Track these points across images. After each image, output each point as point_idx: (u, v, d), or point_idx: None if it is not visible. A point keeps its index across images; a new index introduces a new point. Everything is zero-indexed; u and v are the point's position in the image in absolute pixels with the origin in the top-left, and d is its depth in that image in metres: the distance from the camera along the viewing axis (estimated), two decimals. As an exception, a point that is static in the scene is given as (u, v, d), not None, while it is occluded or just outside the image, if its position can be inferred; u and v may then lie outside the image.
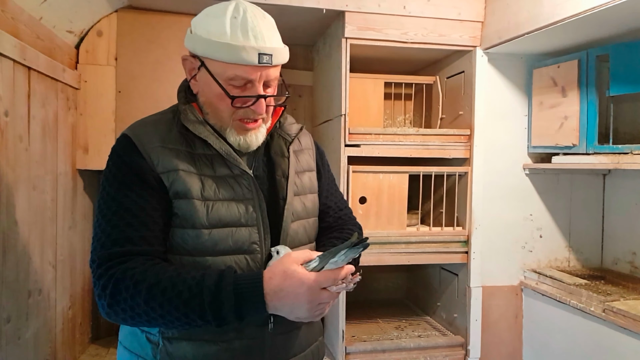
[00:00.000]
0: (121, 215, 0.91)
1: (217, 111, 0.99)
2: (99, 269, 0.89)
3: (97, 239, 0.92)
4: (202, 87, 0.99)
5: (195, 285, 0.84)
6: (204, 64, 0.96)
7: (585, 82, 1.83)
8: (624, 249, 2.11)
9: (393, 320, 2.39)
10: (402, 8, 1.98)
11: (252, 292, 0.85)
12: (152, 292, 0.84)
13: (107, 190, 0.94)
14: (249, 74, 0.94)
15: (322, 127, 2.36)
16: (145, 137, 0.96)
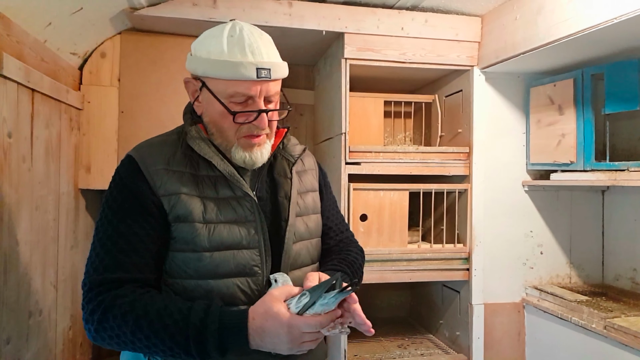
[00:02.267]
0: (115, 241, 0.93)
1: (221, 130, 1.00)
2: (89, 293, 0.91)
3: (91, 263, 0.94)
4: (205, 107, 1.01)
5: (181, 319, 0.86)
6: (205, 84, 0.98)
7: (581, 101, 1.86)
8: (625, 265, 2.11)
9: (396, 339, 2.37)
10: (400, 29, 2.01)
11: (235, 331, 0.85)
12: (139, 323, 0.87)
13: (106, 213, 0.96)
14: (249, 89, 0.96)
15: (323, 145, 2.38)
16: (150, 159, 0.98)
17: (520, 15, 1.80)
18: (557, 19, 1.61)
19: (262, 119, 0.98)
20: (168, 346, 0.86)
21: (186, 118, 1.05)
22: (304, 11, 1.91)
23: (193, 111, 1.06)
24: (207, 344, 0.84)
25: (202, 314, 0.86)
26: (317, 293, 0.84)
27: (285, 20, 1.90)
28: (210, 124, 1.01)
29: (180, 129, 1.06)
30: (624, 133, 2.06)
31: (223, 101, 0.97)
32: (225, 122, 0.99)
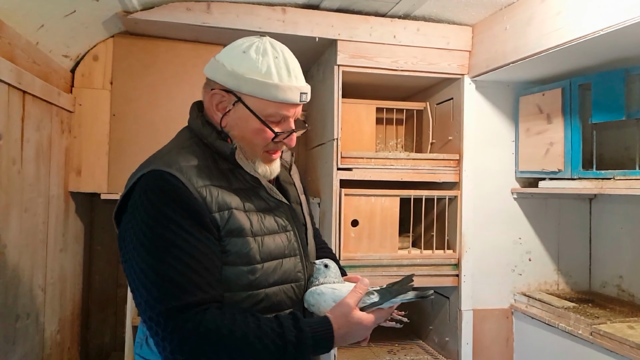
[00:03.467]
0: (186, 262, 0.88)
1: (251, 145, 1.02)
2: (170, 321, 0.85)
3: (158, 288, 0.87)
4: (235, 121, 1.01)
5: (278, 338, 0.89)
6: (242, 100, 0.99)
7: (569, 110, 1.89)
8: (611, 272, 2.14)
9: (386, 344, 2.37)
10: (393, 37, 2.04)
11: (325, 342, 0.93)
12: (239, 348, 0.86)
13: (159, 233, 0.89)
14: (288, 111, 1.01)
15: (316, 151, 2.39)
16: (194, 175, 0.95)
17: (511, 25, 1.83)
18: (547, 30, 1.64)
19: (293, 137, 1.04)
20: (263, 358, 0.88)
21: (207, 130, 1.02)
22: (298, 18, 1.93)
23: (205, 120, 1.05)
24: (303, 357, 0.90)
25: (295, 329, 0.90)
26: (389, 296, 1.00)
27: (279, 27, 1.91)
28: (238, 138, 1.02)
29: (194, 138, 1.04)
30: (611, 143, 2.10)
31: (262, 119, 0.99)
32: (258, 138, 1.01)
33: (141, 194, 0.92)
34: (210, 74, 1.03)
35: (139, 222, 0.90)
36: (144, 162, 1.01)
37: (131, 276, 0.91)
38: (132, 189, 0.95)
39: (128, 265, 0.92)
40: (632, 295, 2.03)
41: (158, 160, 0.96)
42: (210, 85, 1.04)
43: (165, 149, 1.02)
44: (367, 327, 0.97)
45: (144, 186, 0.92)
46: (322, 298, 1.01)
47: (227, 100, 1.01)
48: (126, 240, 0.92)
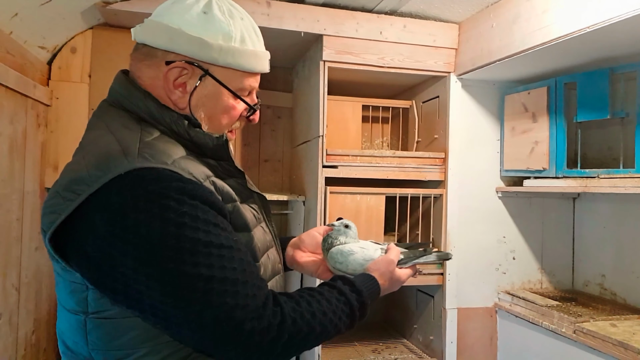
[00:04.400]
0: (239, 259, 0.76)
1: (219, 125, 0.89)
2: (262, 310, 0.74)
3: (233, 295, 0.72)
4: (203, 100, 0.86)
5: (344, 305, 0.87)
6: (211, 73, 0.84)
7: (554, 109, 1.90)
8: (594, 271, 2.16)
9: (370, 344, 2.36)
10: (379, 34, 2.02)
11: (375, 297, 0.96)
12: (323, 324, 0.82)
13: (197, 239, 0.71)
14: (257, 81, 0.91)
15: (301, 148, 2.37)
16: (191, 168, 0.80)
17: (497, 23, 1.83)
18: (533, 28, 1.64)
19: (258, 112, 0.95)
20: (339, 331, 0.86)
21: (168, 114, 0.84)
22: (283, 12, 1.89)
23: (156, 100, 0.85)
24: (364, 316, 0.91)
25: (354, 293, 0.89)
26: (417, 256, 1.08)
27: (263, 20, 1.87)
28: (205, 118, 0.87)
29: (143, 123, 0.83)
30: (594, 142, 2.11)
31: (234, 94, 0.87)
32: (226, 117, 0.88)
33: (138, 202, 0.70)
34: (163, 42, 0.83)
35: (155, 235, 0.70)
36: (79, 166, 0.75)
37: (167, 301, 0.70)
38: (87, 202, 0.71)
39: (143, 290, 0.70)
40: (614, 293, 2.05)
41: (123, 158, 0.73)
42: (161, 57, 0.83)
43: (116, 142, 0.77)
44: (402, 281, 1.04)
45: (139, 193, 0.71)
46: (351, 257, 1.03)
47: (189, 74, 0.84)
48: (125, 264, 0.70)
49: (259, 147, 2.61)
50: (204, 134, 0.85)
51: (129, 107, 0.84)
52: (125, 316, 0.75)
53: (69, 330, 0.81)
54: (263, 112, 2.61)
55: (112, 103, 0.87)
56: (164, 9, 0.86)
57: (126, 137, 0.79)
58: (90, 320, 0.76)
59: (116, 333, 0.76)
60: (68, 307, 0.80)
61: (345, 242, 1.05)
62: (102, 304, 0.76)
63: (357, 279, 0.94)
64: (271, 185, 2.62)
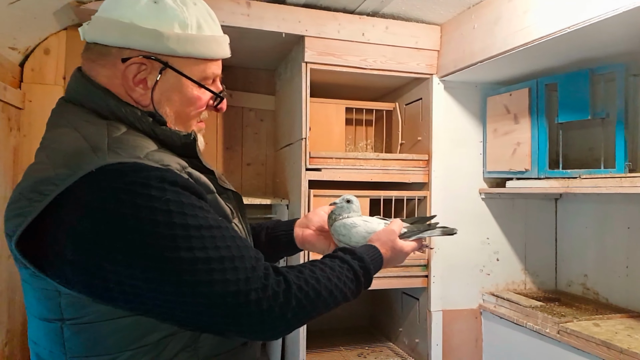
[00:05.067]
0: (232, 236, 0.75)
1: (185, 119, 0.86)
2: (264, 280, 0.73)
3: (233, 269, 0.71)
4: (166, 94, 0.82)
5: (348, 272, 0.88)
6: (171, 65, 0.81)
7: (535, 110, 1.91)
8: (577, 271, 2.17)
9: (356, 348, 2.33)
10: (361, 35, 2.00)
11: (379, 266, 0.97)
12: (329, 290, 0.82)
13: (186, 224, 0.70)
14: (219, 67, 0.88)
15: (284, 152, 2.34)
16: (168, 160, 0.77)
17: (479, 24, 1.83)
18: (514, 29, 1.64)
19: (225, 100, 0.91)
20: (346, 297, 0.86)
21: (132, 112, 0.80)
22: (264, 12, 1.87)
23: (117, 98, 0.81)
24: (369, 284, 0.92)
25: (356, 260, 0.90)
26: (421, 229, 1.09)
27: (243, 21, 1.84)
28: (170, 113, 0.84)
29: (102, 122, 0.78)
30: (575, 144, 2.13)
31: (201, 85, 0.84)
32: (191, 109, 0.85)
33: (119, 196, 0.68)
34: (115, 38, 0.78)
35: (144, 227, 0.68)
36: (44, 166, 0.72)
37: (170, 288, 0.69)
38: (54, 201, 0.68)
39: (140, 284, 0.69)
40: (596, 293, 2.07)
41: (93, 155, 0.70)
42: (116, 55, 0.79)
43: (83, 139, 0.74)
44: (407, 253, 1.05)
45: (117, 186, 0.68)
46: (354, 229, 1.05)
47: (149, 69, 0.80)
48: (116, 261, 0.68)
49: (241, 150, 2.57)
50: (171, 132, 0.82)
51: (89, 105, 0.81)
52: (105, 319, 0.72)
53: (44, 340, 0.77)
54: (245, 115, 2.57)
55: (71, 100, 0.83)
56: (112, 3, 0.81)
57: (93, 134, 0.75)
58: (68, 327, 0.73)
59: (97, 338, 0.73)
60: (41, 316, 0.76)
61: (349, 216, 1.08)
62: (78, 309, 0.72)
63: (358, 248, 0.96)
64: (254, 189, 2.58)
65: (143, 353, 0.74)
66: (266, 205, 2.48)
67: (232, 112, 2.54)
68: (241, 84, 2.53)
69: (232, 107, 2.54)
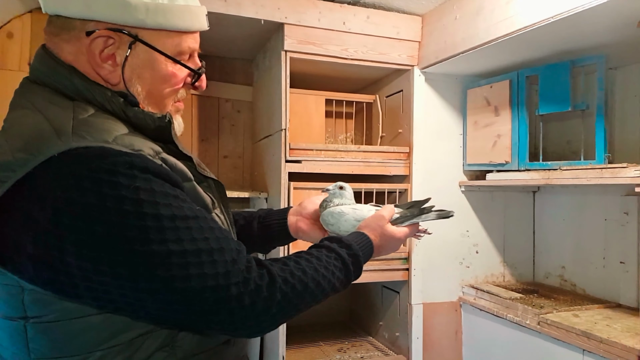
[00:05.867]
0: (211, 227, 0.70)
1: (160, 98, 0.80)
2: (246, 273, 0.69)
3: (211, 263, 0.66)
4: (137, 71, 0.76)
5: (336, 261, 0.84)
6: (141, 38, 0.74)
7: (516, 102, 1.91)
8: (554, 263, 2.20)
9: (336, 343, 2.31)
10: (342, 24, 1.96)
11: (369, 253, 0.93)
12: (317, 280, 0.78)
13: (160, 214, 0.64)
14: (197, 41, 0.82)
15: (262, 144, 2.28)
16: (139, 145, 0.71)
17: (461, 15, 1.81)
18: (496, 19, 1.63)
19: (204, 78, 0.86)
20: (335, 288, 0.83)
21: (101, 91, 0.74)
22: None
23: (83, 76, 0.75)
24: (359, 273, 0.89)
25: (344, 248, 0.87)
26: (414, 214, 1.04)
27: (220, 7, 1.78)
28: (143, 92, 0.78)
29: (68, 103, 0.72)
30: (553, 136, 2.15)
31: (176, 59, 0.78)
32: (168, 86, 0.79)
33: (83, 183, 0.62)
34: (78, 9, 0.71)
35: (111, 218, 0.62)
36: (2, 150, 0.66)
37: (144, 284, 0.64)
38: None
39: (108, 280, 0.63)
40: (573, 284, 2.09)
41: (56, 139, 0.65)
42: (80, 28, 0.73)
43: (46, 121, 0.68)
44: (399, 240, 1.00)
45: (82, 173, 0.62)
46: (343, 218, 1.02)
47: (117, 43, 0.74)
48: (81, 256, 0.62)
49: (217, 142, 2.50)
50: (144, 114, 0.76)
51: (54, 85, 0.74)
52: (72, 317, 0.67)
53: (6, 340, 0.71)
54: (222, 106, 2.50)
55: (35, 81, 0.76)
56: None
57: (57, 115, 0.69)
58: (32, 326, 0.67)
59: (64, 338, 0.67)
60: (3, 314, 0.70)
61: (340, 204, 1.05)
62: (43, 307, 0.67)
63: (345, 236, 0.92)
64: (231, 182, 2.51)
65: (115, 353, 0.69)
66: (244, 199, 2.42)
67: (208, 102, 2.47)
68: (217, 74, 2.46)
69: (207, 98, 2.46)
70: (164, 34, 0.76)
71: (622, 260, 1.81)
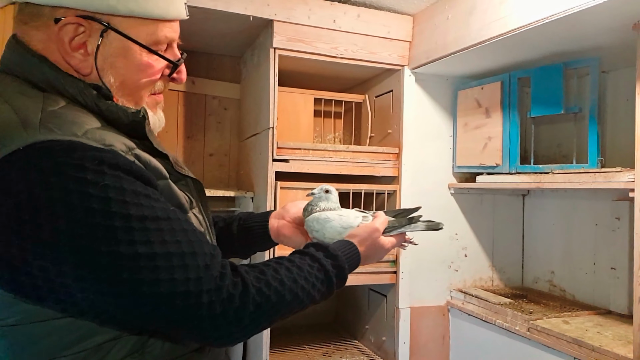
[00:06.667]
0: (184, 229, 0.66)
1: (135, 90, 0.75)
2: (219, 281, 0.65)
3: (183, 268, 0.62)
4: (110, 61, 0.72)
5: (319, 272, 0.81)
6: (113, 26, 0.70)
7: (508, 104, 1.88)
8: (543, 268, 2.18)
9: (321, 347, 2.26)
10: (332, 22, 1.92)
11: (355, 265, 0.90)
12: (294, 292, 0.74)
13: (129, 214, 0.60)
14: (176, 31, 0.77)
15: (249, 142, 2.23)
16: (111, 140, 0.67)
17: (452, 15, 1.78)
18: (489, 19, 1.60)
19: (183, 69, 0.81)
20: (313, 300, 0.80)
21: (73, 82, 0.70)
22: (230, -8, 1.75)
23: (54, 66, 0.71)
24: (342, 284, 0.86)
25: (329, 258, 0.83)
26: (402, 224, 1.01)
27: (208, 2, 1.72)
28: (117, 84, 0.73)
29: (38, 95, 0.69)
30: (544, 139, 2.13)
31: (152, 49, 0.74)
32: (144, 77, 0.75)
33: (48, 178, 0.58)
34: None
35: (76, 216, 0.58)
36: None
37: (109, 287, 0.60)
38: None
39: (70, 283, 0.60)
40: (563, 290, 2.07)
41: (21, 130, 0.61)
42: (49, 15, 0.69)
43: (12, 112, 0.64)
44: (387, 250, 0.98)
45: (47, 167, 0.58)
46: (328, 224, 0.97)
47: (87, 31, 0.70)
48: (42, 256, 0.59)
49: (203, 140, 2.44)
50: (117, 108, 0.72)
51: (24, 75, 0.70)
52: (34, 321, 0.63)
53: None
54: (208, 103, 2.44)
55: (6, 71, 0.72)
56: None
57: (25, 106, 0.66)
58: None
59: (25, 342, 0.64)
60: None
61: (326, 208, 1.00)
62: (3, 309, 0.63)
63: (332, 244, 0.88)
64: (217, 181, 2.46)
65: (81, 359, 0.65)
66: (229, 198, 2.37)
67: (194, 99, 2.41)
68: (204, 71, 2.40)
69: (194, 95, 2.40)
70: (137, 22, 0.72)
71: (613, 266, 1.79)
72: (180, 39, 0.82)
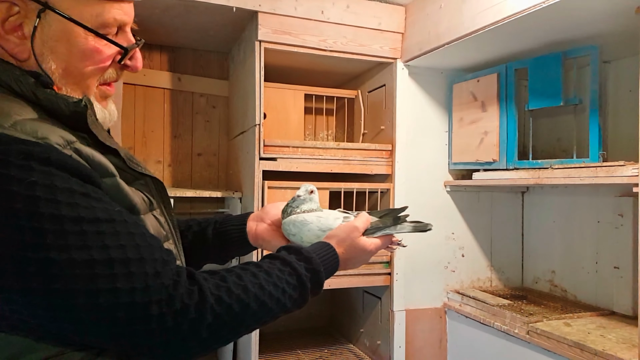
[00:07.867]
0: (130, 232, 0.60)
1: (79, 78, 0.68)
2: (174, 290, 0.59)
3: (128, 278, 0.56)
4: (49, 45, 0.65)
5: (290, 277, 0.73)
6: (52, 6, 0.63)
7: (504, 97, 1.80)
8: (544, 267, 2.09)
9: (314, 351, 2.19)
10: (320, 13, 1.84)
11: (333, 269, 0.83)
12: (260, 299, 0.67)
13: (63, 216, 0.54)
14: (127, 13, 0.70)
15: (237, 141, 2.15)
16: (47, 132, 0.59)
17: (445, 3, 1.70)
18: (483, 6, 1.52)
19: (138, 56, 0.74)
20: (285, 308, 0.72)
21: (5, 68, 0.64)
22: (211, -18, 1.67)
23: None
24: (319, 290, 0.78)
25: (302, 261, 0.76)
26: (387, 225, 0.93)
27: (188, -8, 1.65)
28: (58, 70, 0.66)
29: None
30: (542, 134, 2.05)
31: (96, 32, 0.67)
32: (90, 63, 0.67)
33: None
34: None
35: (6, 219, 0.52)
36: None
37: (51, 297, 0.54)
38: None
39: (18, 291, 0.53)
40: (564, 290, 1.99)
41: None
42: None
43: None
44: (370, 252, 0.90)
45: None
46: (306, 227, 0.91)
47: (23, 11, 0.63)
48: None
49: (191, 139, 2.36)
50: (56, 97, 0.64)
51: None
52: None
53: None
54: (196, 101, 2.36)
55: None
56: None
57: None
58: None
59: None
60: None
61: (308, 209, 0.93)
62: None
63: (307, 247, 0.82)
64: (205, 181, 2.38)
65: None
66: (217, 199, 2.29)
67: (181, 97, 2.33)
68: (191, 67, 2.32)
69: (180, 92, 2.33)
70: (81, 2, 0.65)
71: (616, 265, 1.70)
72: (135, 23, 0.75)
